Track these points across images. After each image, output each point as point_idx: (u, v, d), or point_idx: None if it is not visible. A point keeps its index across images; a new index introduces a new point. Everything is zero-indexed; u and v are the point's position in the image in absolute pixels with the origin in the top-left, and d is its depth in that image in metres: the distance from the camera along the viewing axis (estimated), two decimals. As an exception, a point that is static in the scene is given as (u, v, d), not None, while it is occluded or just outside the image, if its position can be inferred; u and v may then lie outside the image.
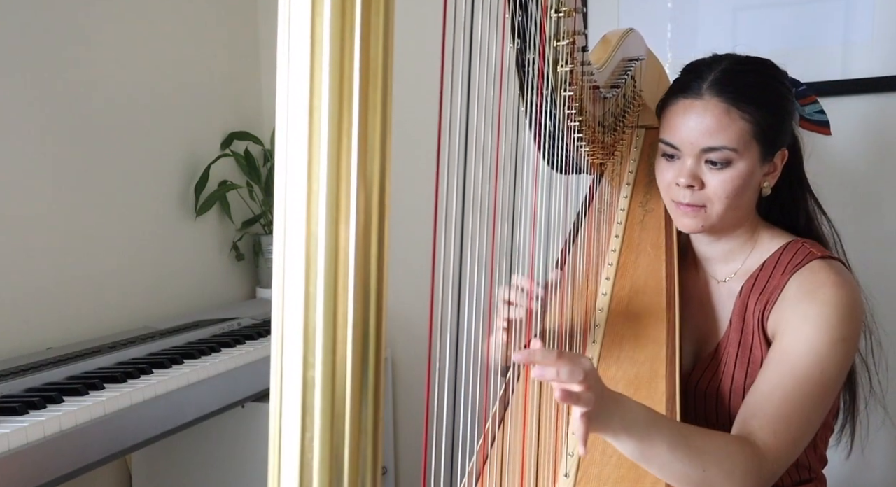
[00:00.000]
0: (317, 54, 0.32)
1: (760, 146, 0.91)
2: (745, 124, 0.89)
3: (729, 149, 0.89)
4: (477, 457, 0.85)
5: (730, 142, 0.89)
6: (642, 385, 0.86)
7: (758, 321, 0.92)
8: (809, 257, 0.93)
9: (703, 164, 0.91)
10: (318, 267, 0.33)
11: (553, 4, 0.80)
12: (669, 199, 0.96)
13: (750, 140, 0.90)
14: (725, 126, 0.89)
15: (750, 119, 0.89)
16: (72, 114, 1.48)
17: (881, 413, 1.12)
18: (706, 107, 0.90)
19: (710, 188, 0.91)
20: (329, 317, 0.33)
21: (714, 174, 0.90)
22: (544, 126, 0.88)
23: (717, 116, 0.89)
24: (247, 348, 1.40)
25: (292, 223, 0.33)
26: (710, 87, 0.90)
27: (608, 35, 1.11)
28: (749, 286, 0.95)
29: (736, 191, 0.91)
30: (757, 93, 0.91)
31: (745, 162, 0.90)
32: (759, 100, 0.90)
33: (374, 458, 0.33)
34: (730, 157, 0.89)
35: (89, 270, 1.51)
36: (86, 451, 1.01)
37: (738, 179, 0.90)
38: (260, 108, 2.01)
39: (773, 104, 0.92)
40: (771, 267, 0.95)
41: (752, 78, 0.92)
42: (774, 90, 0.93)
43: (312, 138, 0.32)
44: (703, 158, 0.91)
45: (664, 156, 0.95)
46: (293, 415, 0.33)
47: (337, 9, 0.31)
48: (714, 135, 0.89)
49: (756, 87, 0.91)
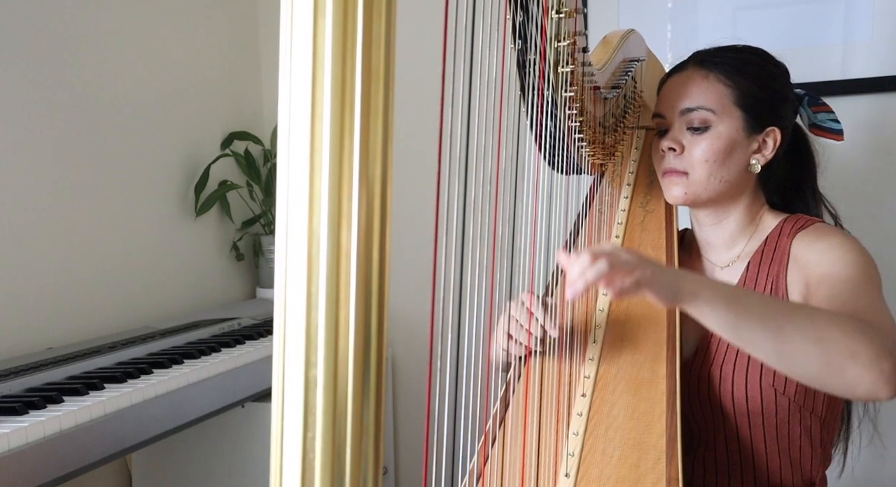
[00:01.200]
0: (319, 56, 0.32)
1: (743, 113, 0.94)
2: (724, 87, 0.94)
3: (705, 110, 0.94)
4: (478, 457, 0.85)
5: (707, 102, 0.94)
6: (642, 385, 0.86)
7: (771, 288, 0.94)
8: (812, 222, 0.96)
9: (686, 131, 0.95)
10: (320, 267, 0.33)
11: (554, 5, 0.80)
12: (661, 173, 1.00)
13: (729, 104, 0.94)
14: (703, 89, 0.94)
15: (729, 84, 0.94)
16: (72, 115, 1.48)
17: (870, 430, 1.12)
18: (689, 75, 0.97)
19: (691, 152, 0.95)
20: (331, 317, 0.33)
21: (695, 139, 0.95)
22: (545, 127, 0.88)
23: (695, 81, 0.95)
24: (247, 348, 1.40)
25: (294, 224, 0.33)
26: (695, 61, 0.98)
27: (609, 36, 1.11)
28: (756, 261, 0.97)
29: (717, 155, 0.93)
30: (739, 64, 0.95)
31: (724, 126, 0.93)
32: (741, 70, 0.95)
33: (375, 457, 0.34)
34: (707, 118, 0.94)
35: (89, 270, 1.51)
36: (86, 451, 1.01)
37: (718, 142, 0.93)
38: (260, 108, 2.02)
39: (755, 76, 0.95)
40: (775, 239, 0.97)
41: (737, 54, 0.97)
42: (758, 65, 0.97)
43: (314, 140, 0.33)
44: (684, 123, 0.95)
45: (657, 134, 1.00)
46: (295, 414, 0.33)
47: (339, 12, 0.32)
48: (692, 96, 0.95)
49: (739, 61, 0.96)
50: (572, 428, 0.84)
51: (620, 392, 0.86)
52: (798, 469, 0.95)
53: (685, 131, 0.95)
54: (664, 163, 0.97)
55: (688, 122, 0.95)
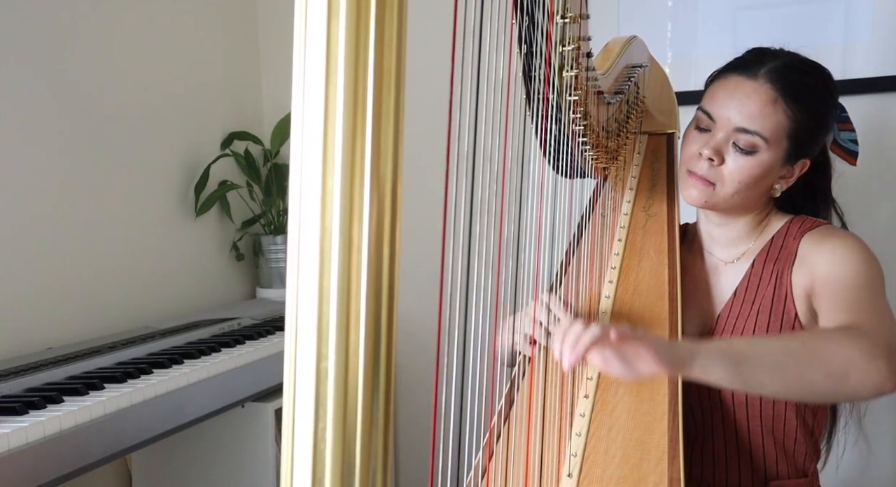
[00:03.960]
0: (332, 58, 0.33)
1: (790, 146, 0.92)
2: (785, 119, 0.91)
3: (761, 137, 0.91)
4: (483, 452, 0.85)
5: (764, 130, 0.90)
6: (644, 386, 0.87)
7: (774, 286, 0.95)
8: (818, 223, 0.97)
9: (731, 145, 0.92)
10: (332, 262, 0.34)
11: (559, 10, 0.81)
12: (685, 170, 0.97)
13: (783, 136, 0.91)
14: (767, 114, 0.90)
15: (791, 116, 0.91)
16: (72, 115, 1.48)
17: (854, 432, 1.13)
18: (756, 89, 0.91)
19: (728, 168, 0.93)
20: (342, 310, 0.33)
21: (736, 156, 0.92)
22: (549, 131, 0.88)
23: (763, 101, 0.90)
24: (247, 348, 1.40)
25: (307, 220, 0.34)
26: (767, 73, 0.91)
27: (611, 43, 1.12)
28: (762, 259, 0.97)
29: (750, 180, 0.92)
30: (807, 95, 0.92)
31: (769, 155, 0.92)
32: (808, 102, 0.92)
33: (384, 449, 0.34)
34: (758, 145, 0.91)
35: (89, 270, 1.51)
36: (86, 451, 1.00)
37: (758, 169, 0.92)
38: (260, 108, 2.02)
39: (817, 112, 0.93)
40: (781, 238, 0.97)
41: (811, 80, 0.94)
42: (824, 100, 0.95)
43: (327, 139, 0.33)
44: (733, 138, 0.92)
45: (697, 128, 0.96)
46: (306, 406, 0.33)
47: (352, 15, 0.32)
48: (753, 118, 0.91)
49: (809, 90, 0.93)
50: (575, 429, 0.85)
51: (622, 393, 0.87)
52: (792, 462, 0.97)
53: (730, 144, 0.92)
54: (696, 165, 0.95)
55: (736, 139, 0.92)
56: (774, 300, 0.94)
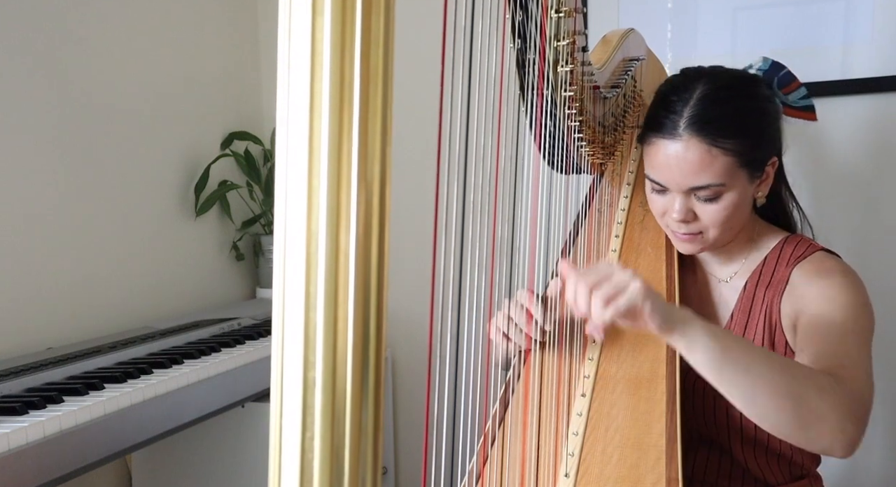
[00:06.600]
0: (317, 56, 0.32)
1: (747, 171, 0.90)
2: (729, 158, 0.87)
3: (716, 185, 0.88)
4: (477, 457, 0.85)
5: (716, 178, 0.88)
6: (642, 385, 0.86)
7: (765, 313, 0.94)
8: (812, 249, 0.95)
9: (694, 199, 0.91)
10: (318, 267, 0.33)
11: (553, 4, 0.80)
12: (665, 225, 0.96)
13: (736, 170, 0.89)
14: (708, 165, 0.87)
15: (732, 151, 0.87)
16: (71, 115, 1.48)
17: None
18: (686, 147, 0.87)
19: (705, 218, 0.91)
20: (329, 318, 0.33)
21: (706, 206, 0.90)
22: (544, 126, 0.88)
23: (698, 157, 0.87)
24: (247, 348, 1.40)
25: (293, 224, 0.33)
26: (686, 126, 0.87)
27: (608, 35, 1.11)
28: (754, 281, 0.96)
29: (730, 217, 0.91)
30: (736, 124, 0.88)
31: (735, 191, 0.90)
32: (739, 129, 0.88)
33: (374, 458, 0.33)
34: (719, 191, 0.89)
35: (89, 270, 1.51)
36: (86, 451, 1.01)
37: (731, 207, 0.90)
38: (260, 108, 2.01)
39: (753, 128, 0.90)
40: (774, 261, 0.96)
41: (730, 106, 0.89)
42: (753, 112, 0.91)
43: (313, 139, 0.33)
44: (693, 195, 0.90)
45: (654, 190, 0.94)
46: (294, 415, 0.33)
47: (337, 11, 0.32)
48: (698, 174, 0.88)
49: (734, 117, 0.88)
50: (572, 428, 0.84)
51: (620, 391, 0.86)
52: (792, 466, 0.96)
53: (692, 199, 0.91)
54: (674, 226, 0.93)
55: (696, 195, 0.90)
56: (766, 329, 0.94)
